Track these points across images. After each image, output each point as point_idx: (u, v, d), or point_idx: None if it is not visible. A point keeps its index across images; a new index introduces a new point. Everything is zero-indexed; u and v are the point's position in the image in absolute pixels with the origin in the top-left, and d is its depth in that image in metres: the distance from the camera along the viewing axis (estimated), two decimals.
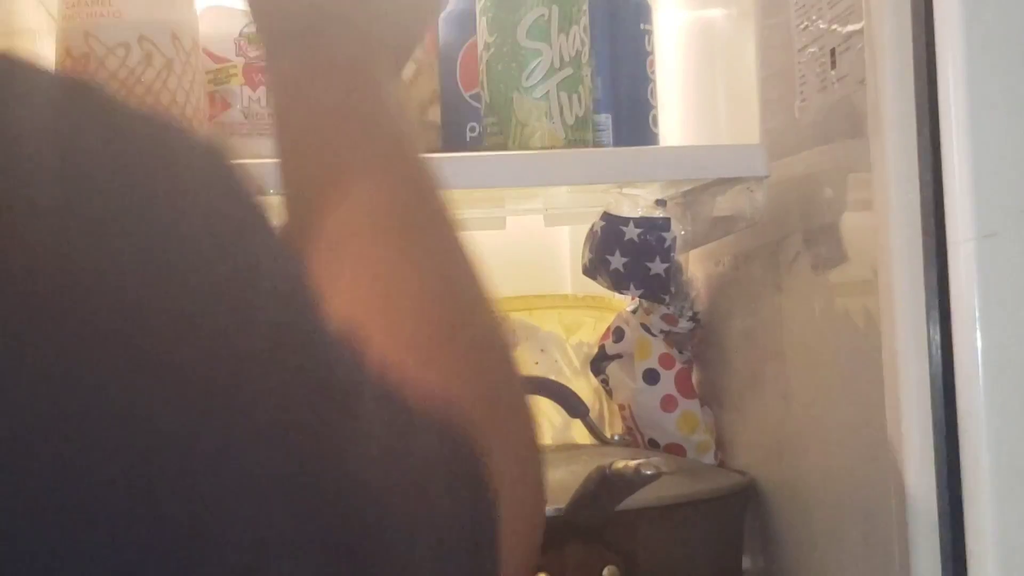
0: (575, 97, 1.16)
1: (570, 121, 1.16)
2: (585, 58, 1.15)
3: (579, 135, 1.16)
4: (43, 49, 1.22)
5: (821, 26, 0.94)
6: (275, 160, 0.57)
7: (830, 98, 0.93)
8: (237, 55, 1.23)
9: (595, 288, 1.26)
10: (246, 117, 1.23)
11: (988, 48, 0.75)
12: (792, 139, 1.03)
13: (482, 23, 1.13)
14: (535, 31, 1.15)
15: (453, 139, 1.19)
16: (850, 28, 0.89)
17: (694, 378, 1.22)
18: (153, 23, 1.09)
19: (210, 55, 1.21)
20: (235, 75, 1.22)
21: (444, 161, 1.10)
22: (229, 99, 1.22)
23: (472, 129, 1.19)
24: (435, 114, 1.20)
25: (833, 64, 0.92)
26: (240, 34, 1.23)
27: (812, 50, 0.96)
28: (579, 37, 1.16)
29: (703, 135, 1.21)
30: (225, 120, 1.22)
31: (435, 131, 1.19)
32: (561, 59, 1.16)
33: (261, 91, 1.23)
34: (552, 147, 1.15)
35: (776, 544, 1.09)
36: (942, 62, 0.76)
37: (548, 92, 1.15)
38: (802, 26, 0.98)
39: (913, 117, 0.81)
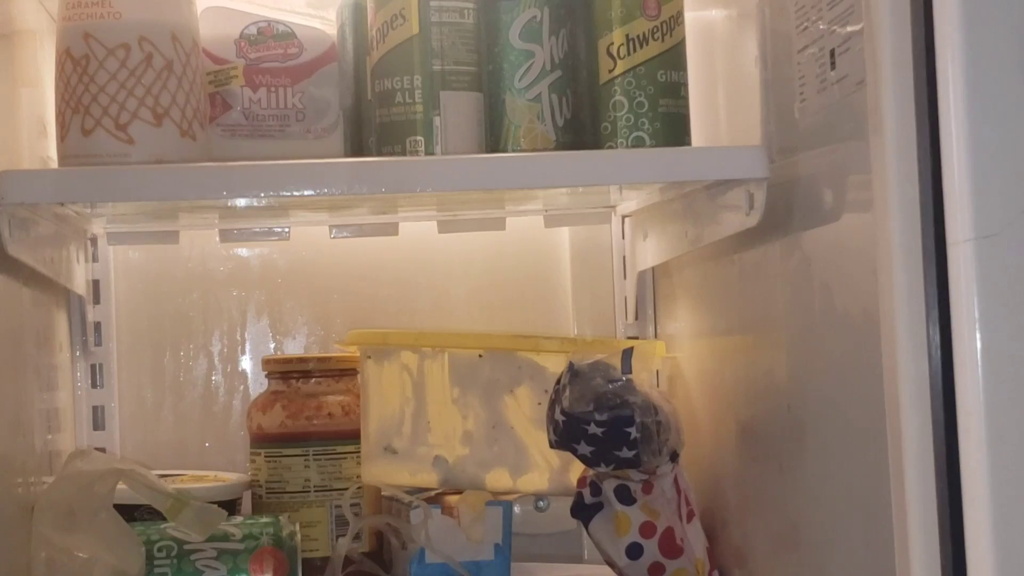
0: (564, 99, 1.16)
1: (560, 123, 1.16)
2: (573, 61, 1.15)
3: (569, 137, 1.16)
4: (43, 50, 1.22)
5: (820, 27, 0.95)
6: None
7: (830, 99, 0.93)
8: (237, 56, 1.23)
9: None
10: (247, 118, 1.23)
11: (988, 48, 0.75)
12: (792, 140, 1.03)
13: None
14: (527, 33, 1.15)
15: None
16: (849, 29, 0.89)
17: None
18: (153, 24, 1.09)
19: (210, 56, 1.22)
20: (236, 76, 1.23)
21: (446, 162, 1.11)
22: (230, 100, 1.22)
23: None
24: None
25: (833, 65, 0.92)
26: (240, 35, 1.23)
27: (812, 51, 0.97)
28: (567, 40, 1.16)
29: (703, 136, 1.21)
30: (225, 121, 1.23)
31: None
32: (552, 61, 1.16)
33: (262, 92, 1.23)
34: (544, 148, 1.15)
35: (775, 543, 1.09)
36: (942, 62, 0.76)
37: (540, 94, 1.16)
38: (801, 27, 0.99)
39: (913, 117, 0.81)
